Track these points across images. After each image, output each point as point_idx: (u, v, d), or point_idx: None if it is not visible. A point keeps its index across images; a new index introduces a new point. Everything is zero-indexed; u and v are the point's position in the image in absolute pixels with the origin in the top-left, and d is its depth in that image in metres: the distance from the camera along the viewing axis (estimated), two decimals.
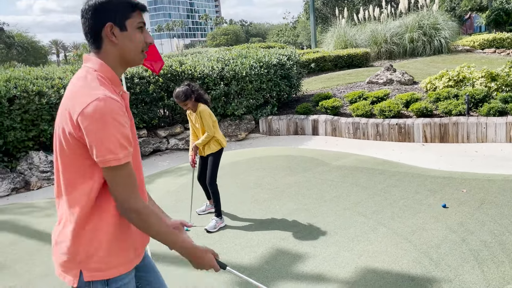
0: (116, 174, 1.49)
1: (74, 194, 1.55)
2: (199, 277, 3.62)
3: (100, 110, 1.43)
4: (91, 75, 1.54)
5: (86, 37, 1.60)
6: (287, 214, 4.81)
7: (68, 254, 1.57)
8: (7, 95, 7.18)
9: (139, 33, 1.62)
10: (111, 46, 1.59)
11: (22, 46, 51.57)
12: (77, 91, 1.50)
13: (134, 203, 1.53)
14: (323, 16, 34.98)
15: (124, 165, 1.50)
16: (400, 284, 3.28)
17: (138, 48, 1.63)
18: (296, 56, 10.92)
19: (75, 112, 1.46)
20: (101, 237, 1.57)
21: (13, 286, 3.70)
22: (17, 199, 6.77)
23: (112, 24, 1.56)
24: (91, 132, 1.44)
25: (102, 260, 1.58)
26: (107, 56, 1.59)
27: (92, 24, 1.56)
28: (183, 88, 4.43)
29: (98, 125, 1.43)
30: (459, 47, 17.21)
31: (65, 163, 1.55)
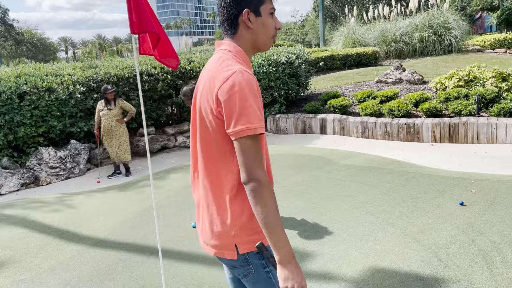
0: (248, 144, 1.51)
1: (221, 175, 1.63)
2: (206, 273, 3.64)
3: (239, 82, 1.50)
4: (226, 55, 1.63)
5: (223, 23, 1.69)
6: (295, 212, 4.81)
7: (222, 231, 1.65)
8: (17, 91, 7.24)
9: (271, 18, 1.69)
10: (246, 31, 1.67)
11: (31, 42, 51.96)
12: (216, 71, 1.59)
13: (259, 173, 1.52)
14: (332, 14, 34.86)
15: (257, 136, 1.54)
16: (408, 283, 3.27)
17: (270, 33, 1.70)
18: (304, 54, 10.89)
19: (215, 89, 1.55)
20: (249, 210, 1.63)
21: (22, 280, 3.73)
22: (27, 194, 6.82)
23: (249, 10, 1.64)
24: (230, 104, 1.50)
25: (252, 232, 1.65)
26: (241, 41, 1.68)
27: (231, 11, 1.65)
28: (192, 86, 4.46)
29: (237, 96, 1.50)
30: (469, 46, 17.07)
31: (209, 146, 1.64)
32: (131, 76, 8.49)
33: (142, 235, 4.48)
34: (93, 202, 5.67)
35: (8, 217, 5.20)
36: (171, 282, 3.55)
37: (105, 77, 8.31)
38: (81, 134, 8.13)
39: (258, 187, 1.51)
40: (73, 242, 4.44)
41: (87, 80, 8.14)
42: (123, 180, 7.24)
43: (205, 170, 1.68)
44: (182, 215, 4.95)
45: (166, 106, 9.02)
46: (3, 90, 7.13)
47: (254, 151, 1.52)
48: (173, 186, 6.05)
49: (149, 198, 5.62)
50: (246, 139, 1.51)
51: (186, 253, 4.02)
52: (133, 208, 5.31)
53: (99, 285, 3.57)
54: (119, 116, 7.37)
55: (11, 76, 7.64)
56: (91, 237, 4.52)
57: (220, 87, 1.53)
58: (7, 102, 7.15)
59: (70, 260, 4.05)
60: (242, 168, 1.53)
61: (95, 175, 7.69)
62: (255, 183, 1.51)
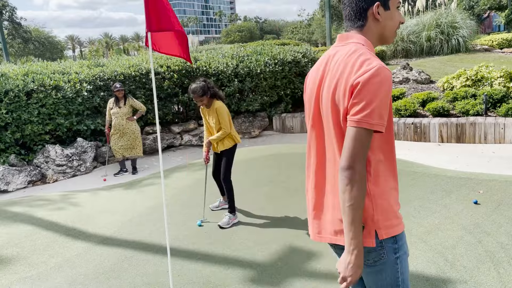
0: (362, 134, 1.54)
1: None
2: (212, 271, 3.64)
3: (381, 77, 1.53)
4: (362, 49, 1.64)
5: (350, 16, 1.72)
6: (301, 211, 4.80)
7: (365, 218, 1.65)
8: (24, 89, 7.29)
9: (397, 12, 1.73)
10: (374, 24, 1.71)
11: (38, 41, 52.22)
12: (353, 63, 1.60)
13: (360, 164, 1.55)
14: (339, 13, 34.74)
15: (371, 131, 1.56)
16: (414, 284, 3.25)
17: (395, 26, 1.73)
18: (311, 53, 10.87)
19: (351, 79, 1.56)
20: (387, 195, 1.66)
21: (29, 276, 3.75)
22: (34, 191, 6.87)
23: (379, 4, 1.67)
24: (362, 92, 1.53)
25: (390, 217, 1.66)
26: (369, 33, 1.71)
27: (361, 4, 1.68)
28: (200, 83, 4.43)
29: (372, 89, 1.53)
30: (477, 46, 16.96)
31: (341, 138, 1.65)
32: (138, 75, 8.51)
33: (148, 233, 4.50)
34: (99, 200, 5.69)
35: (15, 215, 5.24)
36: (177, 280, 3.56)
37: (111, 76, 8.34)
38: (87, 132, 8.17)
39: (355, 177, 1.54)
40: (80, 239, 4.46)
41: (94, 78, 8.17)
42: (129, 178, 7.26)
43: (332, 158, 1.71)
44: (187, 214, 4.96)
45: (172, 104, 9.04)
46: (10, 88, 7.18)
47: (364, 143, 1.56)
48: (178, 184, 6.06)
49: (155, 196, 5.64)
50: (362, 129, 1.54)
51: (192, 252, 4.03)
52: (139, 206, 5.32)
53: (105, 282, 3.59)
54: (129, 114, 7.40)
55: (18, 74, 7.69)
56: (97, 235, 4.54)
57: (358, 78, 1.55)
58: (14, 100, 7.19)
59: (76, 257, 4.06)
60: (347, 153, 1.56)
61: (101, 173, 7.73)
62: (353, 173, 1.55)
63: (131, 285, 3.53)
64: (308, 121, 1.81)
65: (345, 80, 1.59)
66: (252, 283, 3.45)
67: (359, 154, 1.55)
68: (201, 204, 5.16)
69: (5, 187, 6.93)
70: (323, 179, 1.77)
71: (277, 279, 3.47)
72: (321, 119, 1.74)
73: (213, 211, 5.04)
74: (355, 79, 1.55)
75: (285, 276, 3.52)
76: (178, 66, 8.85)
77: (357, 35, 1.70)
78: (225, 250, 4.02)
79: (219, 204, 5.08)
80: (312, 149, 1.81)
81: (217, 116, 4.53)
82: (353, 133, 1.55)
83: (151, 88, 8.65)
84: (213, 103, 4.54)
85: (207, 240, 4.25)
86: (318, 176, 1.79)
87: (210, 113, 4.59)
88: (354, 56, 1.61)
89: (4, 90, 7.13)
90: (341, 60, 1.65)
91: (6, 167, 7.03)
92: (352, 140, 1.55)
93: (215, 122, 4.56)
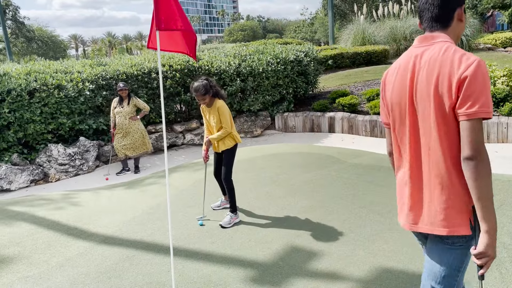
0: (479, 124, 1.68)
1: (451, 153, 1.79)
2: (213, 271, 3.64)
3: (482, 69, 1.68)
4: (453, 46, 1.79)
5: (437, 17, 1.86)
6: (302, 211, 4.79)
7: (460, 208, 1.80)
8: (27, 88, 7.30)
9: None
10: (457, 25, 1.88)
11: (42, 40, 52.35)
12: (451, 59, 1.74)
13: (484, 151, 1.69)
14: (342, 12, 34.67)
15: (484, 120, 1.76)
16: (415, 284, 3.24)
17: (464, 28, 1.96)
18: (313, 52, 10.85)
19: (457, 75, 1.70)
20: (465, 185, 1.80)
21: (30, 276, 3.76)
22: (36, 190, 6.88)
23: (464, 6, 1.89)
24: (471, 87, 1.67)
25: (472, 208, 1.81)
26: (451, 33, 1.88)
27: (451, 5, 1.85)
28: (203, 82, 4.42)
29: (479, 81, 1.66)
30: (480, 45, 16.89)
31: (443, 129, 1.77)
32: (140, 74, 8.51)
33: (149, 233, 4.50)
34: (101, 199, 5.70)
35: (17, 214, 5.25)
36: (178, 279, 3.56)
37: (114, 75, 8.34)
38: (90, 131, 8.18)
39: (482, 163, 1.67)
40: (81, 239, 4.46)
41: (96, 78, 8.18)
42: (132, 177, 7.27)
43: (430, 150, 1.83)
44: (188, 213, 4.95)
45: (175, 103, 9.04)
46: (13, 87, 7.19)
47: (482, 131, 1.70)
48: (180, 183, 6.06)
49: (157, 195, 5.64)
50: (478, 120, 1.68)
51: (193, 251, 4.03)
52: (140, 205, 5.33)
53: (106, 282, 3.59)
54: (132, 113, 7.41)
55: (21, 73, 7.70)
56: (99, 234, 4.54)
57: (464, 72, 1.68)
58: (17, 99, 7.21)
59: (78, 256, 4.07)
60: (470, 145, 1.69)
61: (103, 172, 7.74)
62: (481, 160, 1.67)
63: (133, 284, 3.53)
64: (396, 117, 1.94)
65: (447, 75, 1.72)
66: (253, 283, 3.44)
67: (481, 141, 1.69)
68: (201, 204, 5.15)
69: (8, 186, 6.95)
70: (420, 172, 1.89)
71: (278, 279, 3.46)
72: (414, 113, 1.86)
73: (214, 210, 5.04)
74: (461, 73, 1.69)
75: (286, 275, 3.51)
76: (180, 65, 8.85)
77: (442, 35, 1.84)
78: (227, 250, 4.02)
79: (221, 203, 5.08)
80: (404, 143, 1.94)
81: (218, 115, 4.52)
82: (472, 124, 1.68)
83: (154, 87, 8.66)
84: (215, 102, 4.53)
85: (209, 240, 4.25)
86: (413, 169, 1.91)
87: (211, 112, 4.58)
88: (449, 52, 1.76)
89: (6, 89, 7.14)
90: (436, 57, 1.78)
91: (8, 166, 7.05)
92: (472, 131, 1.68)
93: (216, 121, 4.55)
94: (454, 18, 1.85)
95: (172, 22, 3.21)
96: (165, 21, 3.19)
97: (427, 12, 1.87)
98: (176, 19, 3.22)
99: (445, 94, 1.73)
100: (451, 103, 1.72)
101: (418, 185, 1.89)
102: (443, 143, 1.78)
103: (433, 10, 1.85)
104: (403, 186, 1.96)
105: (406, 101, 1.88)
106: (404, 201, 1.96)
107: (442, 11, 1.84)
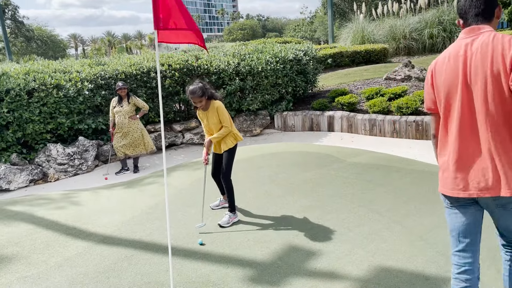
0: None
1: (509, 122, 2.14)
2: (211, 270, 3.64)
3: None
4: (500, 33, 2.16)
5: (484, 13, 2.24)
6: (301, 210, 4.79)
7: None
8: (26, 88, 7.30)
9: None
10: (495, 20, 2.28)
11: (41, 39, 52.32)
12: (502, 42, 2.10)
13: None
14: (341, 11, 34.65)
15: None
16: (414, 283, 3.24)
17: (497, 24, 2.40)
18: (312, 51, 10.84)
19: (509, 53, 2.06)
20: None
21: (29, 275, 3.76)
22: (35, 190, 6.88)
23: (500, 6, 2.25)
24: None
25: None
26: (492, 26, 2.27)
27: (493, 4, 2.25)
28: (198, 84, 4.42)
29: None
30: None
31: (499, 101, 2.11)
32: (139, 73, 8.51)
33: (148, 232, 4.50)
34: (100, 198, 5.70)
35: (15, 213, 5.25)
36: (177, 279, 3.56)
37: (113, 74, 8.34)
38: (89, 131, 8.18)
39: None
40: (80, 238, 4.46)
41: (95, 77, 8.18)
42: (131, 176, 7.27)
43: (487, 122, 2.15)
44: (187, 213, 4.95)
45: (174, 103, 9.04)
46: (12, 87, 7.19)
47: None
48: (179, 183, 6.06)
49: (156, 195, 5.64)
50: None
51: (192, 250, 4.03)
52: (139, 205, 5.32)
53: (105, 281, 3.59)
54: (132, 113, 7.41)
55: (20, 73, 7.70)
56: (98, 234, 4.54)
57: None
58: (16, 99, 7.21)
59: (76, 256, 4.07)
60: None
61: (103, 171, 7.74)
62: None
63: (131, 284, 3.53)
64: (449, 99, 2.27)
65: (501, 56, 2.08)
66: (251, 282, 3.44)
67: None
68: (200, 204, 5.15)
69: (7, 186, 6.95)
70: (477, 144, 2.20)
71: (277, 278, 3.46)
72: (469, 93, 2.19)
73: (213, 209, 5.04)
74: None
75: (285, 275, 3.51)
76: (179, 65, 8.85)
77: (487, 26, 2.23)
78: (225, 249, 4.02)
79: (220, 203, 5.08)
80: (455, 120, 2.26)
81: (218, 115, 4.51)
82: None
83: (153, 87, 8.66)
84: (212, 103, 4.53)
85: (207, 239, 4.25)
86: (468, 143, 2.22)
87: (209, 115, 4.56)
88: (498, 38, 2.13)
89: (5, 89, 7.14)
90: (487, 42, 2.14)
91: (7, 166, 7.05)
92: None
93: (216, 122, 4.54)
94: (494, 14, 2.26)
95: (171, 21, 3.18)
96: (164, 20, 3.16)
97: (473, 9, 2.26)
98: (178, 18, 3.18)
99: (502, 73, 2.07)
100: (506, 79, 2.06)
101: (474, 157, 2.22)
102: (499, 113, 2.11)
103: (480, 6, 2.24)
104: (456, 159, 2.27)
105: (459, 84, 2.22)
106: (455, 168, 2.28)
107: (488, 8, 2.24)
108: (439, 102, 2.34)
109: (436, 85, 2.34)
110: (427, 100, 2.43)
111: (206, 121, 4.62)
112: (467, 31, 2.24)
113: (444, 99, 2.29)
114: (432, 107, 2.41)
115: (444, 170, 2.36)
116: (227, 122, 4.49)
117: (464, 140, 2.23)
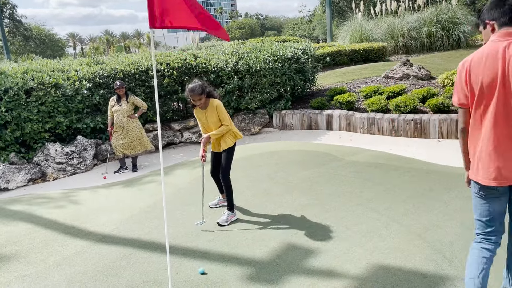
0: None
1: None
2: (210, 269, 3.64)
3: None
4: None
5: (510, 20, 2.46)
6: (299, 208, 4.80)
7: None
8: (24, 87, 7.29)
9: None
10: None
11: (39, 38, 52.21)
12: None
13: None
14: (340, 9, 34.61)
15: None
16: (412, 281, 3.25)
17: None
18: (311, 50, 10.84)
19: None
20: None
21: (27, 275, 3.76)
22: (34, 189, 6.88)
23: None
24: None
25: None
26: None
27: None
28: (198, 82, 4.43)
29: None
30: (478, 42, 16.89)
31: None
32: (137, 72, 8.50)
33: (146, 231, 4.50)
34: (98, 197, 5.70)
35: (14, 213, 5.25)
36: (175, 278, 3.56)
37: (111, 73, 8.33)
38: (87, 130, 8.17)
39: None
40: (78, 237, 4.47)
41: (93, 76, 8.17)
42: (129, 175, 7.27)
43: None
44: (186, 211, 4.96)
45: (172, 102, 9.03)
46: (10, 86, 7.18)
47: None
48: (178, 182, 6.06)
49: (154, 194, 5.64)
50: None
51: (190, 249, 4.03)
52: (138, 204, 5.33)
53: (103, 280, 3.60)
54: (130, 112, 7.41)
55: (18, 72, 7.69)
56: (96, 233, 4.55)
57: None
58: (14, 98, 7.20)
59: (75, 255, 4.07)
60: None
61: (101, 170, 7.73)
62: None
63: (130, 283, 3.53)
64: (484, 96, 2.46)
65: None
66: (250, 280, 3.45)
67: None
68: (199, 202, 5.16)
69: (5, 185, 6.94)
70: (510, 137, 2.42)
71: (276, 276, 3.47)
72: (508, 90, 2.39)
73: (212, 208, 5.04)
74: None
75: (283, 273, 3.52)
76: (177, 64, 8.84)
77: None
78: (224, 248, 4.02)
79: (218, 201, 5.08)
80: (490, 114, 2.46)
81: (217, 114, 4.51)
82: None
83: (151, 86, 8.65)
84: (210, 102, 4.53)
85: (206, 238, 4.25)
86: (503, 136, 2.43)
87: (208, 113, 4.56)
88: None
89: (3, 88, 7.13)
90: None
91: (6, 165, 7.04)
92: None
93: (216, 121, 4.54)
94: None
95: (167, 20, 3.11)
96: (160, 19, 3.10)
97: (508, 14, 2.47)
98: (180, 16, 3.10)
99: None
100: None
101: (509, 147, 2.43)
102: None
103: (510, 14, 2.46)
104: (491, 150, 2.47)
105: (498, 82, 2.40)
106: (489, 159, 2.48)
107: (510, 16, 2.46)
108: (473, 98, 2.51)
109: (471, 82, 2.50)
110: (460, 96, 2.58)
111: (205, 120, 4.61)
112: (502, 34, 2.45)
113: (480, 95, 2.47)
114: (465, 102, 2.57)
115: (477, 160, 2.55)
116: (227, 121, 4.50)
117: (499, 133, 2.44)
